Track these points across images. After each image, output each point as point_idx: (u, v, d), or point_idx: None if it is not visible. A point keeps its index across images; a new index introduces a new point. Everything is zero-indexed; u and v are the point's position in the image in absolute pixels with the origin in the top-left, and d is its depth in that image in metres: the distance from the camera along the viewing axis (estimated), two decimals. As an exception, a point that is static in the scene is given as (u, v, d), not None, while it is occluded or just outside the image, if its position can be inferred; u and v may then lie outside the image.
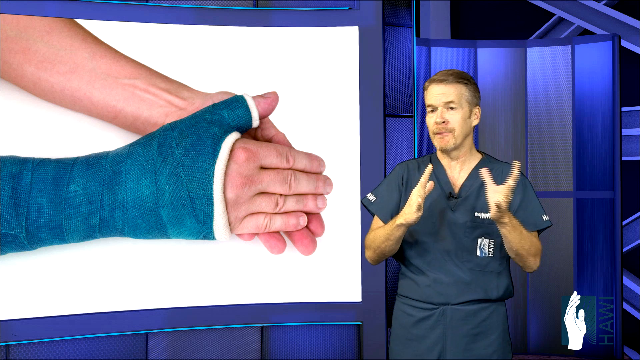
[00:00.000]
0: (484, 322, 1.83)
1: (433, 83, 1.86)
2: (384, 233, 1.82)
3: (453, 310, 1.82)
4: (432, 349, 1.84)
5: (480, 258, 1.82)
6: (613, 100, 3.36)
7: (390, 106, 2.73)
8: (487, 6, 4.35)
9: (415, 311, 1.87)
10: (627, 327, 3.70)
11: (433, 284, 1.84)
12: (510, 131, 3.54)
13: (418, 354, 1.86)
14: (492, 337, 1.84)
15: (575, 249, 3.44)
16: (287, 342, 2.61)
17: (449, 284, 1.83)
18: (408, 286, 1.90)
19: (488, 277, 1.83)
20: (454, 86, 1.84)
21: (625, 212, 3.66)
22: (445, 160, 1.90)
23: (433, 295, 1.84)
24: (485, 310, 1.84)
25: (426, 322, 1.85)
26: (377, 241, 1.86)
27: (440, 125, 1.82)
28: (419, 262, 1.87)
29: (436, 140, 1.85)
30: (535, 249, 1.79)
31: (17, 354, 2.32)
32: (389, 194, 1.94)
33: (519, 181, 1.84)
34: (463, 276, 1.82)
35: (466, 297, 1.82)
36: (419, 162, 1.95)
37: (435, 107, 1.84)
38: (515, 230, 1.73)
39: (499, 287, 1.84)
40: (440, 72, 1.89)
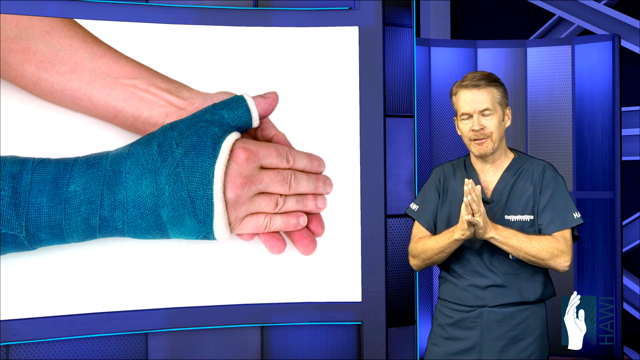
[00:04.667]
0: (521, 324, 1.83)
1: (464, 89, 1.83)
2: (439, 246, 1.83)
3: (490, 313, 1.83)
4: (470, 350, 1.84)
5: (513, 261, 1.82)
6: (613, 100, 3.36)
7: (390, 106, 2.73)
8: (487, 6, 4.35)
9: (453, 313, 1.89)
10: (627, 327, 3.70)
11: (470, 287, 1.85)
12: (511, 131, 3.53)
13: (455, 352, 1.86)
14: (529, 339, 1.83)
15: (575, 249, 3.44)
16: (287, 342, 2.61)
17: (485, 288, 1.83)
18: (447, 290, 1.92)
19: (522, 279, 1.83)
20: (487, 91, 1.82)
21: (625, 212, 3.65)
22: (478, 165, 1.89)
23: (470, 298, 1.85)
24: (523, 312, 1.83)
25: (463, 323, 1.86)
26: (428, 252, 1.87)
27: (478, 132, 1.81)
28: (457, 267, 1.88)
29: (473, 146, 1.83)
30: (550, 252, 1.77)
31: (17, 354, 2.32)
32: (430, 201, 1.95)
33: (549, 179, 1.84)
34: (497, 280, 1.83)
35: (502, 300, 1.82)
36: (454, 165, 1.95)
37: (470, 114, 1.82)
38: (509, 240, 1.74)
39: (535, 289, 1.84)
40: (469, 76, 1.85)
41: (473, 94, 1.81)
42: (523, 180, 1.84)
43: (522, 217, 1.83)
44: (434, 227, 1.93)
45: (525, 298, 1.83)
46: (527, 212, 1.83)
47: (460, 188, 1.88)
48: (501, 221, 1.82)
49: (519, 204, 1.83)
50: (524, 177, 1.83)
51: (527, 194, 1.84)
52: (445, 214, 1.90)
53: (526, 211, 1.83)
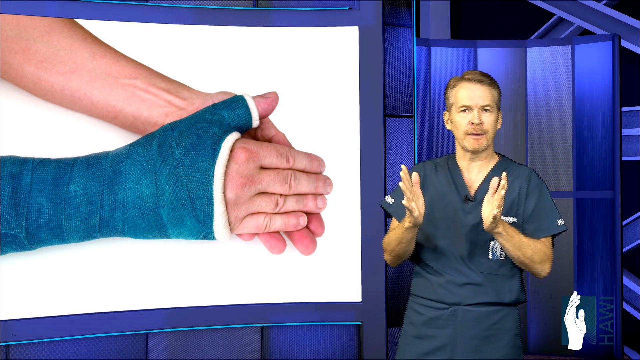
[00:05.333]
0: (495, 324, 1.82)
1: (468, 82, 1.83)
2: (396, 236, 1.82)
3: (464, 311, 1.82)
4: (442, 349, 1.83)
5: (493, 261, 1.82)
6: (613, 100, 3.36)
7: (390, 106, 2.73)
8: (487, 6, 4.35)
9: (426, 310, 1.87)
10: (627, 327, 3.70)
11: (446, 284, 1.84)
12: (510, 131, 3.53)
13: (427, 352, 1.85)
14: (503, 340, 1.83)
15: (575, 249, 3.44)
16: (287, 342, 2.61)
17: (462, 286, 1.82)
18: (421, 285, 1.90)
19: (500, 280, 1.83)
20: (489, 89, 1.82)
21: (625, 212, 3.65)
22: (464, 162, 1.88)
23: (445, 295, 1.83)
24: (498, 313, 1.83)
25: (437, 321, 1.84)
26: (391, 244, 1.86)
27: (477, 127, 1.81)
28: (434, 263, 1.87)
29: (468, 140, 1.82)
30: (540, 256, 1.78)
31: (17, 354, 2.32)
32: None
33: (534, 185, 1.84)
34: (476, 278, 1.82)
35: (478, 299, 1.82)
36: (436, 163, 1.94)
37: (470, 107, 1.82)
38: (512, 238, 1.73)
39: (511, 291, 1.84)
40: (470, 71, 1.85)
41: (476, 88, 1.81)
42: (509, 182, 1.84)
43: (506, 218, 1.83)
44: None
45: (501, 299, 1.82)
46: (511, 214, 1.83)
47: (442, 185, 1.88)
48: None
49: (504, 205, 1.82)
50: (510, 179, 1.82)
51: (512, 197, 1.84)
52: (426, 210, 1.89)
53: (510, 213, 1.83)
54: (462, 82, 1.84)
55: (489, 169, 1.87)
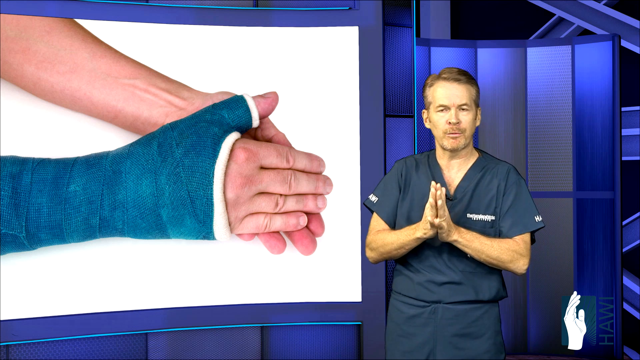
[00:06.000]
0: (475, 322, 1.83)
1: (444, 81, 1.83)
2: (399, 242, 1.82)
3: (444, 309, 1.83)
4: (423, 347, 1.84)
5: (470, 259, 1.82)
6: (613, 100, 3.36)
7: (390, 106, 2.73)
8: (487, 6, 4.35)
9: (407, 308, 1.88)
10: (627, 327, 3.70)
11: (426, 283, 1.85)
12: (510, 131, 3.53)
13: (408, 351, 1.86)
14: (483, 337, 1.84)
15: (575, 249, 3.44)
16: (287, 342, 2.61)
17: (441, 285, 1.83)
18: (402, 283, 1.91)
19: (478, 278, 1.84)
20: (466, 87, 1.82)
21: (625, 212, 3.65)
22: (443, 160, 1.89)
23: (425, 293, 1.84)
24: (477, 310, 1.84)
25: (417, 319, 1.86)
26: (387, 247, 1.86)
27: (455, 126, 1.81)
28: (414, 262, 1.87)
29: (447, 140, 1.82)
30: (509, 255, 1.78)
31: (17, 354, 2.32)
32: (390, 194, 1.94)
33: (512, 181, 1.84)
34: (454, 277, 1.83)
35: (457, 297, 1.83)
36: (417, 159, 1.94)
37: (448, 107, 1.82)
38: (472, 243, 1.74)
39: (490, 289, 1.85)
40: (447, 70, 1.85)
41: (454, 87, 1.81)
42: (487, 179, 1.85)
43: (484, 216, 1.83)
44: (393, 221, 1.92)
45: (480, 297, 1.83)
46: (489, 212, 1.84)
47: (422, 184, 1.88)
48: (463, 219, 1.82)
49: (482, 203, 1.83)
50: (488, 177, 1.83)
51: (491, 194, 1.84)
52: (406, 208, 1.89)
53: (488, 211, 1.83)
54: (439, 81, 1.84)
55: (469, 167, 1.88)
